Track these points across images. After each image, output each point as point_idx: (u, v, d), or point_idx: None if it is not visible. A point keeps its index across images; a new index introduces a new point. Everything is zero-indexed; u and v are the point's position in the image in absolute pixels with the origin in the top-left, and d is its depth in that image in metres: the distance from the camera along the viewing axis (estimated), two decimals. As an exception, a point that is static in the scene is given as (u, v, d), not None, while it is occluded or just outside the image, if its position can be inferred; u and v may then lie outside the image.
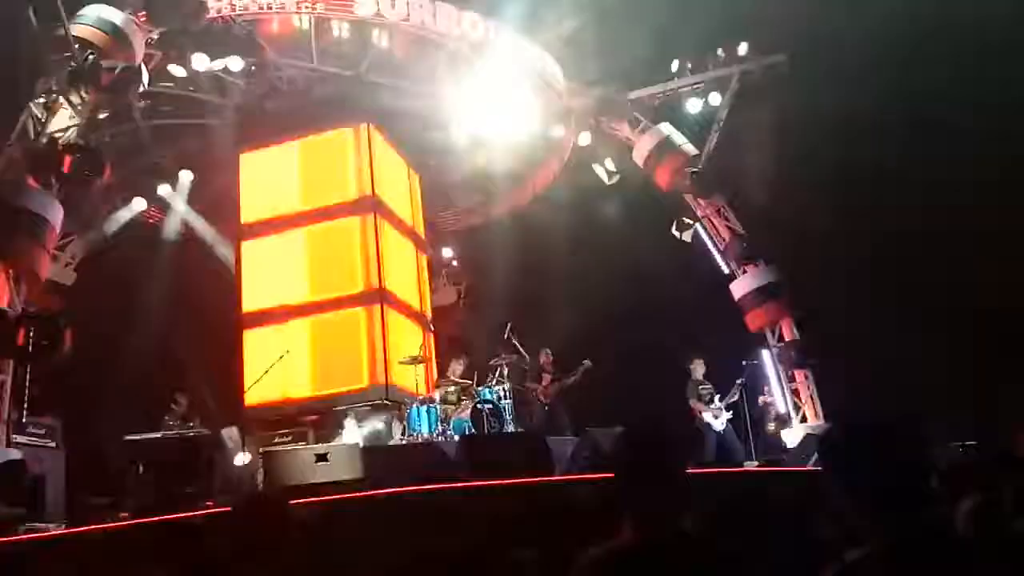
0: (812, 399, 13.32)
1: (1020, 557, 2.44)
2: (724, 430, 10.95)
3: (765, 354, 13.46)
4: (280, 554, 2.32)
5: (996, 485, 3.06)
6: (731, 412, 11.07)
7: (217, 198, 14.61)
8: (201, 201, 14.75)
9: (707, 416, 10.94)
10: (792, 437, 12.11)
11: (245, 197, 13.25)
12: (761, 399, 12.99)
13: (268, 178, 13.24)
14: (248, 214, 13.18)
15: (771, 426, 12.93)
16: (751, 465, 10.28)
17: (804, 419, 13.19)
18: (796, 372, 13.51)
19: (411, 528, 5.88)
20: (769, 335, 13.70)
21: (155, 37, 11.28)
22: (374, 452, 8.88)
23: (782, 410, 13.25)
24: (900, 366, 12.30)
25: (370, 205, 12.63)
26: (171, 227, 14.81)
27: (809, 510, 3.87)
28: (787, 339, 13.51)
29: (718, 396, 11.08)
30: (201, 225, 14.85)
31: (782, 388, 13.44)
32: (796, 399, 13.44)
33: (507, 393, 10.67)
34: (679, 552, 2.05)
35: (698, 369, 11.34)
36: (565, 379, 11.80)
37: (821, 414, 13.10)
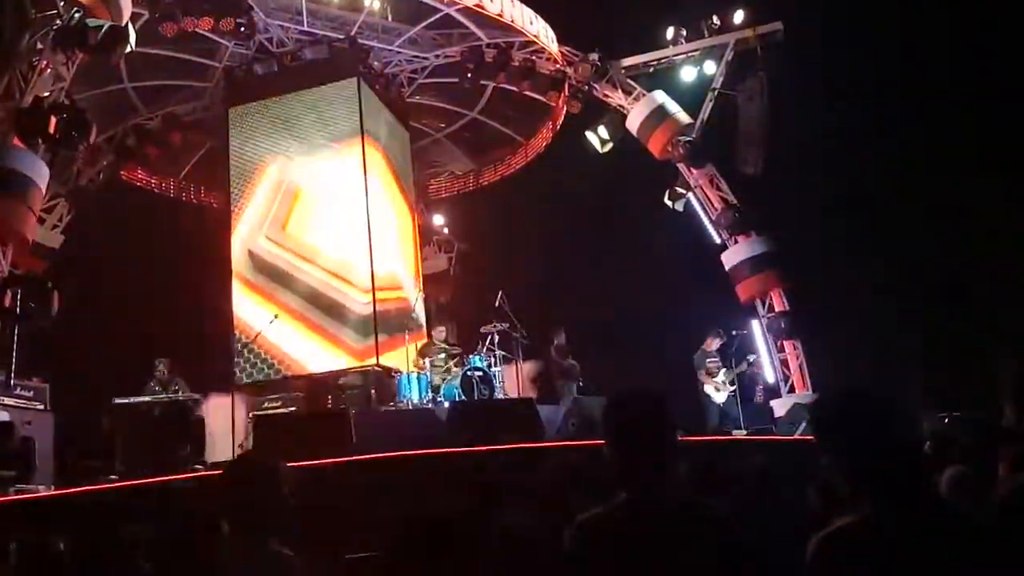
0: (801, 369, 13.41)
1: (1002, 524, 2.47)
2: (725, 402, 10.99)
3: (755, 324, 13.51)
4: (272, 516, 2.32)
5: (980, 454, 3.09)
6: (735, 385, 11.07)
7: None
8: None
9: (708, 388, 10.97)
10: (781, 407, 12.21)
11: (234, 152, 13.07)
12: (749, 368, 13.06)
13: (257, 131, 13.06)
14: (237, 170, 13.02)
15: (759, 396, 13.03)
16: (740, 434, 10.36)
17: (792, 389, 13.29)
18: (785, 343, 13.58)
19: (401, 493, 5.91)
20: (759, 305, 13.74)
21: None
22: (364, 417, 8.92)
23: (771, 380, 13.33)
24: (889, 336, 12.39)
25: (360, 161, 12.48)
26: None
27: (797, 479, 3.91)
28: (777, 309, 13.56)
29: (724, 369, 11.07)
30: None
31: (771, 358, 13.52)
32: (785, 369, 13.53)
33: (497, 360, 10.68)
34: (669, 516, 2.06)
35: (713, 343, 11.28)
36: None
37: (810, 384, 13.19)
